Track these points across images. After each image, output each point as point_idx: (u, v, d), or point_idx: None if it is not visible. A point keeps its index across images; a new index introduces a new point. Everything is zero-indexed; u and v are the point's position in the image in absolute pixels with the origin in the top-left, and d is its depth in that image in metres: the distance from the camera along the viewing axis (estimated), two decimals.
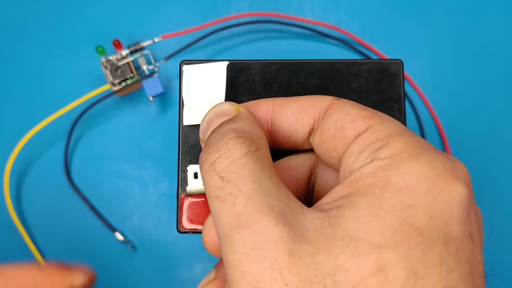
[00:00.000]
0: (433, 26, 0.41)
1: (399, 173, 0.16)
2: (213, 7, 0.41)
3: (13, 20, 0.41)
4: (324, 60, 0.25)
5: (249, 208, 0.16)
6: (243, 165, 0.17)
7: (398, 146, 0.17)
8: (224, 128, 0.19)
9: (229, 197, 0.16)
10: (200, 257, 0.37)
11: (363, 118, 0.19)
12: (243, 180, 0.17)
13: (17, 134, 0.37)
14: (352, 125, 0.19)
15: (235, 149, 0.17)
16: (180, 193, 0.24)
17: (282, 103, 0.21)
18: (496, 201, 0.39)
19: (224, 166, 0.17)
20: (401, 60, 0.25)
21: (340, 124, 0.19)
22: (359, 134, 0.18)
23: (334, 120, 0.19)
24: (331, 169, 0.21)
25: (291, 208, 0.16)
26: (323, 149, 0.20)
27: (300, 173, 0.22)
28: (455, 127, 0.40)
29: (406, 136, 0.18)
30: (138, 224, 0.38)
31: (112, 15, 0.41)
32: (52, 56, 0.40)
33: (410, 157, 0.17)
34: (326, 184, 0.22)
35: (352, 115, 0.19)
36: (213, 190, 0.17)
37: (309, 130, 0.20)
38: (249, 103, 0.22)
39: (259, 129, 0.19)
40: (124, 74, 0.37)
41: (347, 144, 0.19)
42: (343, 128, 0.19)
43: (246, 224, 0.16)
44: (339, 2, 0.42)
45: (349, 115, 0.19)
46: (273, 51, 0.41)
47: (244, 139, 0.18)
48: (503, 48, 0.41)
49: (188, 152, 0.24)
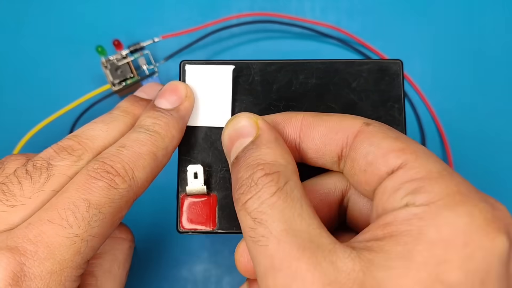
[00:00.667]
0: (433, 26, 0.41)
1: (435, 224, 0.15)
2: (213, 7, 0.41)
3: (13, 20, 0.41)
4: (324, 60, 0.25)
5: (281, 251, 0.16)
6: (273, 205, 0.17)
7: (436, 192, 0.16)
8: (250, 160, 0.19)
9: (262, 239, 0.17)
10: (200, 257, 0.37)
11: (395, 153, 0.18)
12: (273, 221, 0.17)
13: (17, 134, 0.37)
14: (384, 161, 0.18)
15: (265, 190, 0.17)
16: (180, 193, 0.24)
17: (311, 123, 0.20)
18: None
19: (256, 207, 0.17)
20: (401, 60, 0.25)
21: (371, 159, 0.18)
22: (393, 171, 0.17)
23: (364, 154, 0.18)
24: (364, 197, 0.21)
25: (323, 247, 0.16)
26: (355, 181, 0.19)
27: (332, 198, 0.21)
28: (455, 127, 0.40)
29: (445, 179, 0.17)
30: (138, 224, 0.38)
31: (112, 15, 0.41)
32: (52, 56, 0.40)
33: (448, 207, 0.16)
34: (359, 211, 0.21)
35: (383, 149, 0.18)
36: (247, 230, 0.17)
37: (337, 156, 0.20)
38: (277, 117, 0.21)
39: (284, 154, 0.19)
40: (124, 74, 0.37)
41: (380, 180, 0.18)
42: (375, 163, 0.18)
43: (278, 267, 0.16)
44: (339, 2, 0.42)
45: (380, 149, 0.18)
46: (273, 51, 0.41)
47: (272, 176, 0.18)
48: (503, 48, 0.41)
49: (188, 152, 0.24)
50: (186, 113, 0.23)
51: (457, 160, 0.39)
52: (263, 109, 0.24)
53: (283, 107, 0.24)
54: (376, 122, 0.20)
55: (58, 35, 0.41)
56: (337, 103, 0.24)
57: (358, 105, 0.24)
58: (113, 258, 0.24)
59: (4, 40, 0.40)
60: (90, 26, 0.41)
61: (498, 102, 0.40)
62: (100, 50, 0.37)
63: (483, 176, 0.39)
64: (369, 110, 0.24)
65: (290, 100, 0.24)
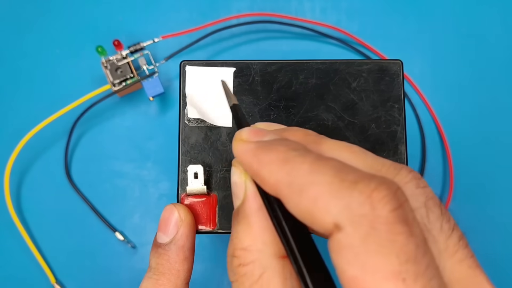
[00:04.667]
0: (432, 26, 0.42)
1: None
2: (213, 8, 0.41)
3: (13, 20, 0.41)
4: (324, 60, 0.25)
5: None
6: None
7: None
8: (230, 242, 0.18)
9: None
10: (200, 257, 0.37)
11: (388, 281, 0.13)
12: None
13: (17, 134, 0.37)
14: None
15: (242, 281, 0.17)
16: (180, 193, 0.24)
17: (286, 195, 0.16)
18: (496, 201, 0.39)
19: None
20: (401, 60, 0.25)
21: (359, 284, 0.14)
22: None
23: (350, 277, 0.14)
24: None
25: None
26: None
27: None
28: (455, 127, 0.40)
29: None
30: (138, 224, 0.38)
31: (112, 15, 0.41)
32: (53, 56, 0.40)
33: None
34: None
35: (373, 273, 0.13)
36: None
37: (326, 233, 0.15)
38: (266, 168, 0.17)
39: (263, 233, 0.17)
40: (124, 74, 0.37)
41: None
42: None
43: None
44: (339, 2, 0.42)
45: (367, 274, 0.13)
46: (273, 51, 0.41)
47: (247, 268, 0.17)
48: (503, 48, 0.41)
49: (188, 152, 0.24)
50: (186, 239, 0.23)
51: (457, 160, 0.39)
52: (263, 109, 0.24)
53: (283, 107, 0.24)
54: (350, 223, 0.14)
55: (58, 35, 0.41)
56: (337, 103, 0.24)
57: (358, 105, 0.24)
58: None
59: (4, 40, 0.41)
60: (90, 26, 0.41)
61: (497, 102, 0.40)
62: (100, 50, 0.37)
63: (482, 176, 0.39)
64: (369, 110, 0.24)
65: (290, 100, 0.24)
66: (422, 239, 0.14)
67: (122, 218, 0.38)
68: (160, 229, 0.23)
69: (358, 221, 0.14)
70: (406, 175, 0.16)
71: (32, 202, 0.38)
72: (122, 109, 0.39)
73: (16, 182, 0.38)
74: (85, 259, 0.37)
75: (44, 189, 0.38)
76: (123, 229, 0.38)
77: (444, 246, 0.15)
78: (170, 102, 0.40)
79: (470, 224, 0.38)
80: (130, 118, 0.39)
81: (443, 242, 0.15)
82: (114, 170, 0.39)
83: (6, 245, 0.38)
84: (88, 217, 0.38)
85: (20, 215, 0.38)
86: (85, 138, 0.39)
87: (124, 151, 0.39)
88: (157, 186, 0.38)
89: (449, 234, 0.15)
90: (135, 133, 0.39)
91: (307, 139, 0.18)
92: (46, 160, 0.39)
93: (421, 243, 0.13)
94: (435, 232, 0.15)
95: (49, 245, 0.38)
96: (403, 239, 0.13)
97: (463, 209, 0.38)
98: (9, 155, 0.36)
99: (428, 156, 0.39)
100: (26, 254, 0.37)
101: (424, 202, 0.15)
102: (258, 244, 0.17)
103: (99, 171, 0.39)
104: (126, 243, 0.37)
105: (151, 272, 0.23)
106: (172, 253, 0.23)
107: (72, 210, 0.38)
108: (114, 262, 0.37)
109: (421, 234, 0.14)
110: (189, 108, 0.24)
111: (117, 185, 0.38)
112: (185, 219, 0.23)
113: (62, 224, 0.38)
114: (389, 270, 0.13)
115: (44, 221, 0.38)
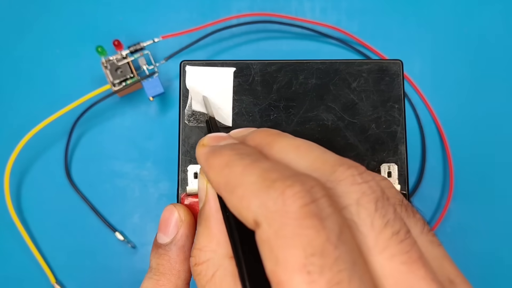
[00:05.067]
0: (432, 26, 0.42)
1: None
2: (213, 8, 0.41)
3: (13, 20, 0.41)
4: (324, 60, 0.25)
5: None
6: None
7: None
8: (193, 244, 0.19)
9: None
10: None
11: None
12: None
13: (17, 134, 0.37)
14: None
15: (198, 280, 0.18)
16: (180, 193, 0.24)
17: (224, 196, 0.16)
18: (496, 201, 0.39)
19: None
20: (401, 60, 0.25)
21: (275, 278, 0.14)
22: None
23: (268, 271, 0.14)
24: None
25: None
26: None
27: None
28: (455, 127, 0.40)
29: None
30: (138, 224, 0.38)
31: (112, 15, 0.41)
32: (53, 56, 0.40)
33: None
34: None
35: (284, 267, 0.13)
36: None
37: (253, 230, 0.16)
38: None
39: (216, 234, 0.19)
40: (124, 74, 0.37)
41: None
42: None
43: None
44: (339, 2, 0.42)
45: (279, 267, 0.14)
46: (273, 51, 0.41)
47: (201, 268, 0.18)
48: (502, 48, 0.41)
49: (188, 152, 0.24)
50: (186, 239, 0.23)
51: (457, 160, 0.39)
52: (263, 109, 0.24)
53: (283, 107, 0.24)
54: (265, 219, 0.14)
55: (58, 35, 0.41)
56: (337, 103, 0.24)
57: (358, 105, 0.24)
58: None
59: (4, 40, 0.40)
60: (90, 26, 0.41)
61: (497, 102, 0.40)
62: (100, 50, 0.37)
63: (482, 176, 0.39)
64: (369, 110, 0.24)
65: (290, 100, 0.24)
66: (336, 233, 0.14)
67: (122, 218, 0.38)
68: (160, 229, 0.23)
69: (271, 217, 0.14)
70: (343, 172, 0.16)
71: (32, 202, 0.38)
72: (122, 109, 0.39)
73: (16, 182, 0.38)
74: (85, 259, 0.37)
75: (44, 189, 0.38)
76: (123, 229, 0.38)
77: (374, 242, 0.15)
78: (170, 102, 0.40)
79: (470, 224, 0.38)
80: (130, 118, 0.39)
81: (372, 238, 0.15)
82: (114, 170, 0.39)
83: (6, 245, 0.38)
84: (88, 217, 0.38)
85: (20, 215, 0.38)
86: (85, 138, 0.39)
87: (124, 151, 0.39)
88: (157, 186, 0.38)
89: (380, 230, 0.15)
90: (135, 133, 0.39)
91: (266, 140, 0.18)
92: (46, 160, 0.39)
93: (333, 237, 0.14)
94: (364, 228, 0.15)
95: (49, 245, 0.38)
96: (312, 233, 0.13)
97: (463, 209, 0.38)
98: (9, 155, 0.36)
99: (428, 156, 0.39)
100: (26, 254, 0.37)
101: (356, 199, 0.15)
102: (212, 244, 0.18)
103: (99, 171, 0.39)
104: (126, 243, 0.37)
105: (151, 273, 0.23)
106: (172, 253, 0.23)
107: (72, 210, 0.38)
108: (114, 262, 0.37)
109: (337, 228, 0.14)
110: (193, 103, 0.24)
111: (117, 185, 0.38)
112: (185, 219, 0.23)
113: (62, 224, 0.38)
114: (296, 263, 0.13)
115: (44, 221, 0.38)
